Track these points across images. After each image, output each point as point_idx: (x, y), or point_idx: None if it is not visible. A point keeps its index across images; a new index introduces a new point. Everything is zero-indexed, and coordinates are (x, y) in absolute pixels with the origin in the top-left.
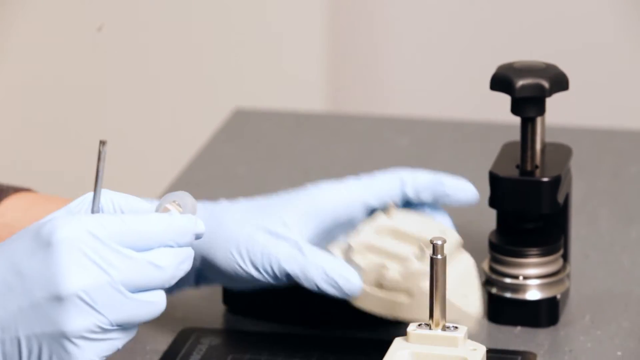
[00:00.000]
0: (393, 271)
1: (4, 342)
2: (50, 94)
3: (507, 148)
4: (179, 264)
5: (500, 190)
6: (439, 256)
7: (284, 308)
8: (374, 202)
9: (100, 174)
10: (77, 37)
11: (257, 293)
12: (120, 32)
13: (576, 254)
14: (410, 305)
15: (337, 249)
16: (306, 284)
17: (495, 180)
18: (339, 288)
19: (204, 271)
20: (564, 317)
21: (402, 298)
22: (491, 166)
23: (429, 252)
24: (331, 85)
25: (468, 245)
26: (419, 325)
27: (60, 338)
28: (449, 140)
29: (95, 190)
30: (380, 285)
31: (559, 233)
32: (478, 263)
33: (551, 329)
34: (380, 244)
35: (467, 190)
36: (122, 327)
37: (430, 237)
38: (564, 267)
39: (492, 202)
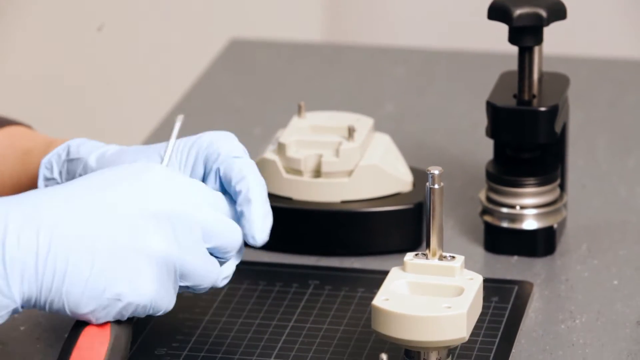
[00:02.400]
0: (329, 157)
1: (79, 251)
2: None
3: (504, 77)
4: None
5: (498, 120)
6: (436, 185)
7: (281, 237)
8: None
9: (172, 145)
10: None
11: None
12: None
13: (573, 184)
14: (350, 184)
15: (268, 149)
16: None
17: (492, 109)
18: None
19: None
20: (560, 247)
21: (341, 180)
22: (488, 96)
23: (356, 131)
24: (328, 15)
25: (465, 175)
26: (416, 255)
27: (138, 254)
28: (445, 69)
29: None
30: (318, 174)
31: (556, 163)
32: (475, 193)
33: (548, 258)
34: (308, 138)
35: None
36: (180, 279)
37: (349, 123)
38: (560, 197)
39: (489, 132)
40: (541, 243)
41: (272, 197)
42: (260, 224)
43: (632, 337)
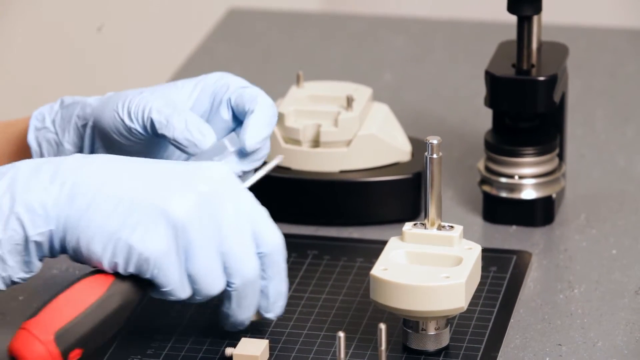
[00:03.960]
0: (327, 126)
1: (106, 195)
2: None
3: (503, 47)
4: None
5: (497, 90)
6: (435, 155)
7: (279, 207)
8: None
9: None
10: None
11: (253, 191)
12: None
13: (572, 153)
14: (348, 154)
15: None
16: (167, 133)
17: (491, 79)
18: (191, 141)
19: (95, 136)
20: (559, 217)
21: (339, 150)
22: (487, 65)
23: (355, 101)
24: None
25: (463, 144)
26: (415, 224)
27: (160, 211)
28: (444, 39)
29: None
30: (316, 143)
31: (554, 132)
32: (474, 163)
33: (546, 228)
34: (306, 107)
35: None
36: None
37: (348, 92)
38: (559, 167)
39: (488, 102)
40: (540, 213)
41: None
42: (252, 131)
43: (630, 306)
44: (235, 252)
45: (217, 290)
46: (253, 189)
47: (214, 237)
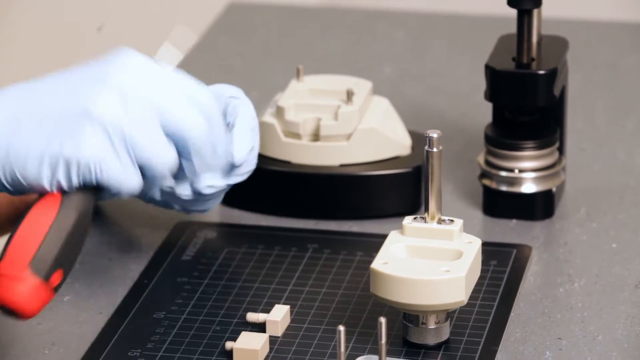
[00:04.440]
0: (327, 120)
1: (27, 116)
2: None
3: (503, 41)
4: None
5: (497, 83)
6: (435, 149)
7: (279, 201)
8: None
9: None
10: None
11: (253, 185)
12: None
13: (572, 147)
14: (348, 147)
15: (267, 113)
16: None
17: (491, 73)
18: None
19: None
20: (559, 210)
21: (339, 143)
22: (487, 59)
23: (355, 95)
24: None
25: (463, 138)
26: (415, 218)
27: (82, 116)
28: (444, 33)
29: None
30: (316, 137)
31: (554, 126)
32: (474, 156)
33: (547, 221)
34: (306, 101)
35: None
36: (134, 154)
37: (348, 86)
38: (559, 160)
39: (488, 95)
40: (540, 206)
41: (270, 160)
42: (240, 144)
43: (630, 300)
44: (174, 115)
45: (167, 161)
46: (259, 187)
47: (146, 114)
